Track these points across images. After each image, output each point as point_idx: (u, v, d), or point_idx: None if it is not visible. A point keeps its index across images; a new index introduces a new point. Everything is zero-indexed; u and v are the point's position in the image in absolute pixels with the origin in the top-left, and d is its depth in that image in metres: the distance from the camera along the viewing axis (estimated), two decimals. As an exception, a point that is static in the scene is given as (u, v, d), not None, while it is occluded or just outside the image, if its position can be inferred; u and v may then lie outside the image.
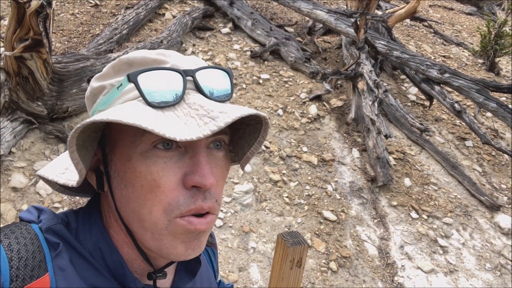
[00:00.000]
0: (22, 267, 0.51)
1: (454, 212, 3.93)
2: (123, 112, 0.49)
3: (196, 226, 0.54)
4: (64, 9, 5.34)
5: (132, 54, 0.58)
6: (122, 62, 0.58)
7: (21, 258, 0.52)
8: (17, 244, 0.53)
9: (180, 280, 0.68)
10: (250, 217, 3.38)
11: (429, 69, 4.83)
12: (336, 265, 3.19)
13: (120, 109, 0.52)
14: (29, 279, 0.51)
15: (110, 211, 0.61)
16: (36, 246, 0.55)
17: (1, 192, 3.02)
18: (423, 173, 4.29)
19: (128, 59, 0.57)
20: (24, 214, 0.61)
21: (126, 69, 0.57)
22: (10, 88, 3.17)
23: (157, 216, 0.53)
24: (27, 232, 0.56)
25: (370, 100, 4.26)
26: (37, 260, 0.53)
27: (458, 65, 6.49)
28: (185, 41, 5.17)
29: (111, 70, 0.59)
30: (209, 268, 0.83)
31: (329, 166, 4.06)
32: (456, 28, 8.21)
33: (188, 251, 0.55)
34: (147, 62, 0.57)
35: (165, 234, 0.54)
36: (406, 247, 3.52)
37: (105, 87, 0.58)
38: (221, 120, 0.49)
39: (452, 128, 5.10)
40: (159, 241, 0.54)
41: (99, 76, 0.60)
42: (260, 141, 0.61)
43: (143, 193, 0.53)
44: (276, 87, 4.84)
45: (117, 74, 0.58)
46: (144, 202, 0.53)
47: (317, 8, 5.58)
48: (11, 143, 3.27)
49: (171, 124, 0.49)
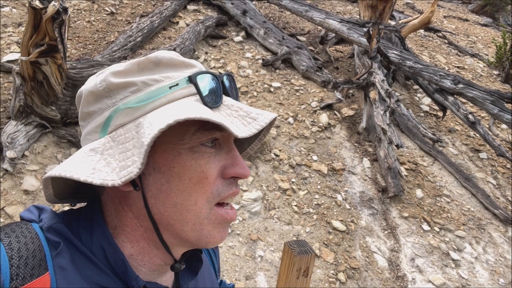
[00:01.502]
0: (22, 266, 0.51)
1: (467, 225, 3.84)
2: (201, 111, 0.54)
3: (231, 216, 0.62)
4: (81, 17, 5.45)
5: (160, 54, 0.59)
6: (150, 60, 0.59)
7: (21, 257, 0.52)
8: (18, 243, 0.53)
9: (183, 279, 0.68)
10: (258, 225, 3.36)
11: (442, 79, 4.77)
12: (344, 276, 3.13)
13: (189, 107, 0.55)
14: (29, 278, 0.52)
15: (123, 209, 0.60)
16: (37, 245, 0.55)
17: (13, 195, 3.07)
18: (435, 185, 4.22)
19: (157, 58, 0.59)
20: (25, 213, 0.61)
21: (152, 68, 0.58)
22: (25, 93, 3.24)
23: (201, 206, 0.58)
24: (28, 231, 0.56)
25: (381, 110, 4.22)
26: (37, 259, 0.53)
27: (472, 76, 6.41)
28: (198, 49, 5.22)
29: (135, 67, 0.58)
30: (211, 267, 0.84)
31: (339, 175, 4.02)
32: (471, 39, 8.12)
33: (222, 239, 0.62)
34: (174, 64, 0.59)
35: (205, 223, 0.59)
36: (417, 259, 3.45)
37: (134, 84, 0.57)
38: (261, 120, 0.59)
39: (466, 140, 5.02)
40: (199, 231, 0.59)
41: (119, 72, 0.58)
42: (260, 139, 0.69)
43: (190, 185, 0.57)
44: (287, 95, 4.84)
45: (141, 72, 0.58)
46: (190, 194, 0.57)
47: (330, 17, 5.58)
48: (25, 146, 3.32)
49: (229, 123, 0.56)
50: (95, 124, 0.58)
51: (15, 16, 5.00)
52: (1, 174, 3.15)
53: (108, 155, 0.55)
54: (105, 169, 0.53)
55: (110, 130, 0.57)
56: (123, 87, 0.57)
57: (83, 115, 0.61)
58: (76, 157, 0.56)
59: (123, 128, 0.56)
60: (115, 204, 0.60)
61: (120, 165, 0.53)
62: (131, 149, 0.54)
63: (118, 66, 0.59)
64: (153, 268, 0.63)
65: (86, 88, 0.60)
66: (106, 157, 0.54)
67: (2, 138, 3.25)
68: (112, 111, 0.57)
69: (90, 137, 0.59)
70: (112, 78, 0.58)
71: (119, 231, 0.60)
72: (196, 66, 0.62)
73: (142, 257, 0.61)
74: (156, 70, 0.58)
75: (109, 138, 0.56)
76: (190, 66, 0.61)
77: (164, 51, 0.61)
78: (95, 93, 0.58)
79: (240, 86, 4.77)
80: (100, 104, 0.58)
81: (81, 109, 0.61)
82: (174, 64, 0.59)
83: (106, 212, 0.62)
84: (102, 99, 0.58)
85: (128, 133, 0.55)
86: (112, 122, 0.57)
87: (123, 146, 0.55)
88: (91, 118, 0.59)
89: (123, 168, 0.53)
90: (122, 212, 0.60)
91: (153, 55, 0.59)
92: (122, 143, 0.55)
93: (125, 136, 0.55)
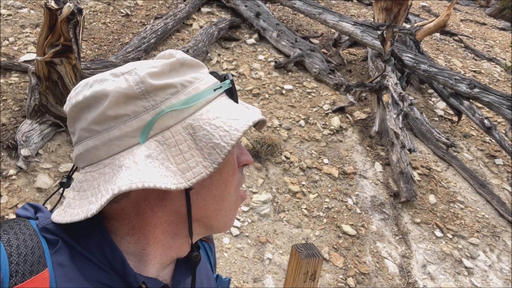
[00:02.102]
0: (21, 263, 0.51)
1: (481, 232, 3.76)
2: (244, 110, 0.61)
3: (246, 197, 0.69)
4: (96, 18, 5.54)
5: (184, 55, 0.61)
6: (179, 61, 0.60)
7: (20, 254, 0.52)
8: (16, 239, 0.53)
9: (180, 275, 0.68)
10: (267, 227, 3.34)
11: (457, 83, 4.69)
12: (354, 281, 3.09)
13: (235, 107, 0.62)
14: (28, 275, 0.51)
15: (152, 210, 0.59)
16: (35, 241, 0.55)
17: (26, 192, 3.12)
18: (449, 190, 4.14)
19: (183, 59, 0.61)
20: (21, 211, 0.61)
21: (178, 68, 0.60)
22: (40, 92, 3.29)
23: (232, 194, 0.64)
24: (26, 228, 0.56)
25: (394, 113, 4.17)
26: (36, 256, 0.53)
27: (489, 81, 6.29)
28: (211, 51, 5.24)
29: (167, 68, 0.58)
30: (207, 262, 0.84)
31: (350, 179, 3.98)
32: (488, 43, 7.98)
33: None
34: (193, 65, 0.62)
35: (233, 208, 0.66)
36: (429, 266, 3.39)
37: (173, 86, 0.57)
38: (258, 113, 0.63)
39: (481, 145, 4.92)
40: (228, 216, 0.65)
41: (156, 73, 0.57)
42: None
43: (227, 177, 0.62)
44: (299, 98, 4.82)
45: (171, 73, 0.59)
46: (226, 184, 0.62)
47: (343, 20, 5.55)
48: (39, 145, 3.38)
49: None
50: (129, 128, 0.55)
51: (33, 17, 5.11)
52: (16, 171, 3.21)
53: (162, 159, 0.54)
54: (169, 174, 0.53)
55: (152, 134, 0.55)
56: (161, 89, 0.56)
57: (105, 118, 0.55)
58: (138, 165, 0.52)
59: (170, 131, 0.55)
60: (139, 207, 0.59)
61: (181, 168, 0.54)
62: (188, 151, 0.55)
63: (152, 67, 0.57)
64: (162, 261, 0.63)
65: (116, 90, 0.55)
66: (163, 162, 0.54)
67: (17, 136, 3.31)
68: (154, 114, 0.55)
69: (120, 143, 0.55)
70: (151, 80, 0.56)
71: (135, 231, 0.60)
72: (205, 66, 0.65)
73: (155, 250, 0.61)
74: (181, 70, 0.60)
75: (156, 142, 0.55)
76: (203, 66, 0.64)
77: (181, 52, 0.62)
78: (129, 95, 0.55)
79: (252, 88, 4.77)
80: (133, 106, 0.55)
81: (103, 111, 0.55)
82: (193, 65, 0.62)
83: (118, 215, 0.60)
84: (136, 102, 0.55)
85: (178, 136, 0.55)
86: (155, 125, 0.55)
87: (175, 148, 0.55)
88: (118, 122, 0.55)
89: (186, 170, 0.54)
90: (149, 214, 0.59)
91: (180, 56, 0.61)
92: (173, 146, 0.55)
93: (175, 139, 0.55)
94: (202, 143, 0.55)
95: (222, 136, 0.54)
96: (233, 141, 0.54)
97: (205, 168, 0.54)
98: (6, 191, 3.07)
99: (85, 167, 0.58)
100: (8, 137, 3.40)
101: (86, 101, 0.56)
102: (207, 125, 0.56)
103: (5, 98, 3.78)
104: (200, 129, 0.55)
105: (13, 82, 4.01)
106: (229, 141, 0.54)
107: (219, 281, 0.88)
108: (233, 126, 0.55)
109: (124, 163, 0.53)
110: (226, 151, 0.54)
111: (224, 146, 0.54)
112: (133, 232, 0.60)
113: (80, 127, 0.58)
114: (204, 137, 0.55)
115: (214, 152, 0.54)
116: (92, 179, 0.56)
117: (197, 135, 0.55)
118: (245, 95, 4.67)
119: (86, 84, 0.58)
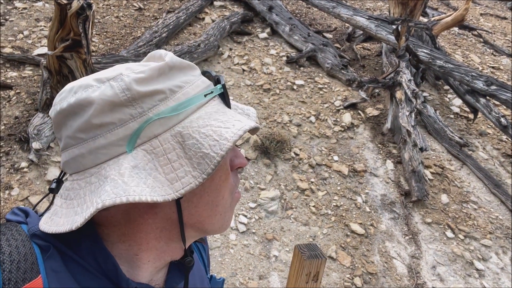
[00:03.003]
0: (14, 270, 0.51)
1: (494, 234, 3.67)
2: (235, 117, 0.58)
3: (240, 196, 0.69)
4: (109, 12, 5.57)
5: (174, 58, 0.59)
6: (168, 65, 0.57)
7: (13, 261, 0.51)
8: (9, 246, 0.52)
9: (173, 278, 0.67)
10: (274, 224, 3.33)
11: (474, 80, 4.56)
12: (361, 281, 3.06)
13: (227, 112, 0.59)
14: (21, 282, 0.51)
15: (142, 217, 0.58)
16: (28, 248, 0.54)
17: (37, 185, 3.17)
18: (462, 190, 4.05)
19: (172, 62, 0.58)
20: (11, 216, 0.60)
21: (167, 72, 0.57)
22: (51, 86, 3.33)
23: (226, 198, 0.63)
24: (18, 233, 0.55)
25: (407, 111, 4.09)
26: (29, 262, 0.52)
27: (508, 77, 6.10)
28: (222, 45, 5.22)
29: (155, 72, 0.56)
30: (201, 264, 0.83)
31: (360, 177, 3.93)
32: (509, 38, 7.73)
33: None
34: (183, 67, 0.60)
35: (228, 210, 0.65)
36: (439, 267, 3.33)
37: (162, 92, 0.55)
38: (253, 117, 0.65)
39: (498, 144, 4.79)
40: (223, 219, 0.64)
41: (142, 79, 0.54)
42: None
43: (220, 183, 0.61)
44: (310, 93, 4.76)
45: (159, 77, 0.56)
46: (219, 190, 0.61)
47: (358, 14, 5.45)
48: (50, 138, 3.43)
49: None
50: (115, 137, 0.53)
51: (48, 10, 5.16)
52: (27, 164, 3.26)
53: (150, 169, 0.52)
54: (157, 185, 0.52)
55: (140, 142, 0.53)
56: (149, 96, 0.54)
57: (90, 126, 0.53)
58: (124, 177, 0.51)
59: (158, 139, 0.53)
60: (129, 214, 0.58)
61: (169, 178, 0.52)
62: (177, 160, 0.53)
63: (139, 72, 0.55)
64: (156, 265, 0.63)
65: (101, 97, 0.53)
66: (150, 172, 0.52)
67: (29, 129, 3.36)
68: (141, 122, 0.53)
69: (107, 152, 0.53)
70: (137, 87, 0.53)
71: (127, 238, 0.59)
72: (197, 68, 0.63)
73: (148, 254, 0.61)
74: (170, 74, 0.57)
75: (144, 152, 0.53)
76: (195, 68, 0.62)
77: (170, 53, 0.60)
78: (114, 102, 0.53)
79: (263, 84, 4.73)
80: (120, 114, 0.53)
81: (87, 119, 0.53)
82: (183, 68, 0.60)
83: (108, 222, 0.59)
84: (122, 109, 0.53)
85: (166, 144, 0.53)
86: (143, 134, 0.53)
87: (164, 158, 0.53)
88: (104, 130, 0.53)
89: (175, 180, 0.52)
90: (139, 221, 0.58)
91: (168, 59, 0.58)
92: (162, 155, 0.53)
93: (163, 148, 0.53)
94: (191, 152, 0.53)
95: (212, 146, 0.53)
96: (222, 151, 0.52)
97: (195, 178, 0.52)
98: (17, 183, 3.12)
99: (72, 174, 0.57)
100: (21, 130, 3.46)
101: (71, 108, 0.55)
102: (196, 134, 0.54)
103: (19, 91, 3.84)
104: (190, 138, 0.53)
105: (26, 75, 4.07)
106: (219, 151, 0.53)
107: (213, 282, 0.88)
108: (223, 135, 0.53)
109: (110, 174, 0.52)
110: (216, 161, 0.52)
111: (214, 157, 0.52)
112: (125, 239, 0.59)
113: (66, 134, 0.56)
114: (193, 146, 0.53)
115: (203, 162, 0.52)
116: (79, 187, 0.55)
117: (186, 144, 0.53)
118: (255, 90, 4.64)
119: (71, 89, 0.56)
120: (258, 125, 0.59)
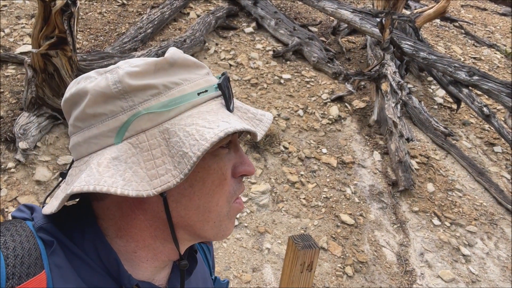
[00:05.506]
0: (18, 265, 0.51)
1: (479, 220, 3.78)
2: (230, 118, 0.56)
3: (243, 206, 0.66)
4: (92, 8, 5.48)
5: (175, 54, 0.58)
6: (167, 61, 0.57)
7: (17, 256, 0.52)
8: (13, 241, 0.53)
9: (176, 279, 0.68)
10: (266, 217, 3.36)
11: (457, 71, 4.66)
12: (352, 270, 3.12)
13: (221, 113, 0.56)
14: (25, 277, 0.51)
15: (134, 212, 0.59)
16: (32, 243, 0.54)
17: (25, 185, 3.13)
18: (447, 179, 4.15)
19: (173, 59, 0.57)
20: (16, 213, 0.61)
21: (167, 68, 0.56)
22: (37, 84, 3.28)
23: (222, 206, 0.60)
24: (22, 229, 0.56)
25: (393, 102, 4.16)
26: (33, 258, 0.53)
27: (489, 67, 6.25)
28: (208, 40, 5.20)
29: (152, 67, 0.56)
30: (205, 265, 0.83)
31: (349, 168, 3.99)
32: (489, 29, 7.90)
33: (233, 228, 0.66)
34: (188, 65, 0.58)
35: (225, 219, 0.62)
36: (427, 254, 3.42)
37: (155, 87, 0.55)
38: (266, 121, 0.63)
39: (481, 133, 4.91)
40: (218, 227, 0.62)
41: (136, 73, 0.55)
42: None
43: (212, 187, 0.58)
44: (297, 87, 4.80)
45: (157, 73, 0.56)
46: (212, 196, 0.59)
47: (342, 7, 5.49)
48: (37, 137, 3.38)
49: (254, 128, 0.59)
50: (106, 128, 0.54)
51: (28, 8, 5.06)
52: (14, 164, 3.21)
53: (132, 163, 0.52)
54: (134, 179, 0.51)
55: (128, 135, 0.54)
56: (141, 90, 0.54)
57: (85, 116, 0.56)
58: (100, 167, 0.52)
59: (145, 134, 0.53)
60: (122, 208, 0.59)
61: (150, 174, 0.52)
62: (160, 157, 0.52)
63: (134, 66, 0.56)
64: (155, 264, 0.63)
65: (94, 88, 0.54)
66: (132, 166, 0.52)
67: (15, 129, 3.31)
68: (130, 115, 0.54)
69: (98, 142, 0.55)
70: (129, 80, 0.54)
71: (123, 233, 0.60)
72: (205, 67, 0.61)
73: (146, 253, 0.61)
74: (171, 70, 0.57)
75: (129, 145, 0.53)
76: (201, 67, 0.60)
77: (176, 50, 0.59)
78: (106, 94, 0.54)
79: (250, 78, 4.74)
80: (112, 106, 0.54)
81: (83, 109, 0.55)
82: (187, 65, 0.58)
83: (105, 215, 0.60)
84: (115, 101, 0.54)
85: (152, 140, 0.53)
86: (131, 127, 0.54)
87: (148, 153, 0.53)
88: (97, 121, 0.55)
89: (154, 177, 0.51)
90: (132, 216, 0.59)
91: (169, 55, 0.57)
92: (146, 150, 0.53)
93: (149, 143, 0.53)
94: (174, 150, 0.52)
95: (192, 145, 0.51)
96: (199, 152, 0.50)
97: (173, 177, 0.51)
98: (5, 184, 3.08)
99: (75, 160, 0.59)
100: (6, 130, 3.40)
101: (72, 98, 0.58)
102: (181, 132, 0.53)
103: (2, 90, 3.77)
104: (174, 135, 0.53)
105: (9, 74, 3.99)
106: (196, 152, 0.51)
107: (217, 283, 0.88)
108: (204, 135, 0.51)
109: (91, 162, 0.53)
110: (192, 162, 0.50)
111: (191, 157, 0.51)
112: (121, 234, 0.60)
113: (70, 122, 0.59)
114: (176, 144, 0.52)
115: (182, 162, 0.51)
116: (74, 174, 0.57)
117: (170, 141, 0.53)
118: (243, 85, 4.64)
119: (77, 80, 0.59)
120: (252, 129, 0.56)
